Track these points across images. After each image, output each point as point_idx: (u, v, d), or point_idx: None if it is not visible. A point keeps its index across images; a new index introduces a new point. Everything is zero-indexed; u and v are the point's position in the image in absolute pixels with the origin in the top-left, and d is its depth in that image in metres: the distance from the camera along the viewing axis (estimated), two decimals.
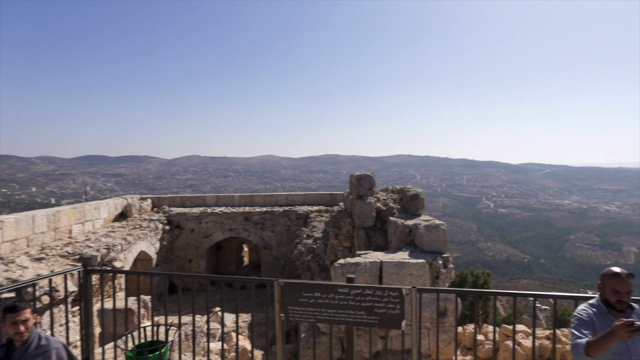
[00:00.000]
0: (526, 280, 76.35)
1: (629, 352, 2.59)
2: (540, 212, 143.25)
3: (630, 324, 2.30)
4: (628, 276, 2.66)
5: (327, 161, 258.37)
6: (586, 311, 2.75)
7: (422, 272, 6.11)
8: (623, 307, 2.66)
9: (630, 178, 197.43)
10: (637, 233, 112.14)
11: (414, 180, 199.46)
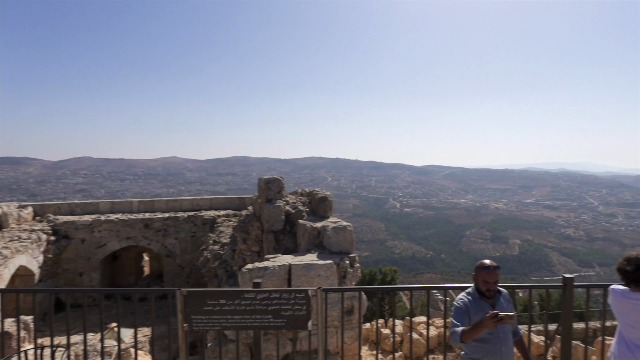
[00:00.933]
0: (429, 275, 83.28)
1: (497, 331, 3.15)
2: (441, 210, 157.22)
3: (495, 315, 2.79)
4: (495, 268, 3.21)
5: (237, 163, 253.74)
6: (463, 300, 3.26)
7: (329, 273, 6.42)
8: (492, 294, 3.21)
9: (514, 178, 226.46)
10: (521, 227, 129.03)
11: (325, 182, 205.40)
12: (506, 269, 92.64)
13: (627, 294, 3.21)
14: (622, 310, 3.23)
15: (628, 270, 3.16)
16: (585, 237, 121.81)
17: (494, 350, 3.12)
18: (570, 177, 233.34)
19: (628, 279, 3.19)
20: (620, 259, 3.32)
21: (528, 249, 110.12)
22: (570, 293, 4.49)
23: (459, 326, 3.01)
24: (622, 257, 3.33)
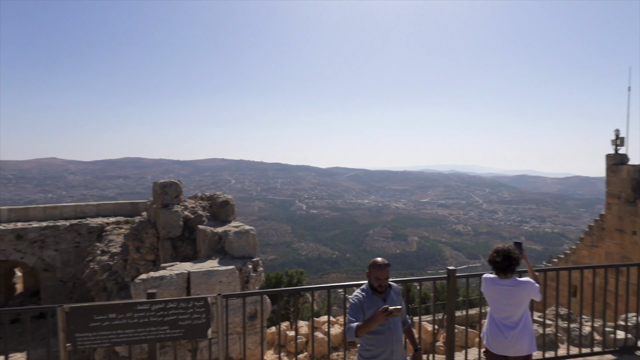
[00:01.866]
0: (335, 274, 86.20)
1: (388, 322, 3.49)
2: (346, 211, 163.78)
3: (385, 310, 3.10)
4: (386, 265, 3.56)
5: (129, 165, 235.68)
6: (357, 296, 3.55)
7: (232, 279, 6.40)
8: (383, 289, 3.55)
9: (412, 179, 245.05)
10: (418, 225, 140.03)
11: (229, 184, 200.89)
12: (405, 265, 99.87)
13: (496, 280, 3.79)
14: (492, 295, 3.80)
15: (498, 261, 3.74)
16: (473, 232, 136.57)
17: (386, 340, 3.46)
18: (460, 178, 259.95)
19: (498, 268, 3.76)
20: (490, 252, 3.90)
21: (425, 244, 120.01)
22: (453, 283, 5.10)
23: (354, 322, 3.29)
24: (491, 249, 3.91)
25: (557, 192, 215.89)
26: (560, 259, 17.60)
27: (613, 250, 13.94)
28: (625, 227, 13.39)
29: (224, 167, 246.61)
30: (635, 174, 13.35)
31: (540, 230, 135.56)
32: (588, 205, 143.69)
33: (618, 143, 14.01)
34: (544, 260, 46.67)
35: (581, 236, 16.29)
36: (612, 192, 14.01)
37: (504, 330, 3.71)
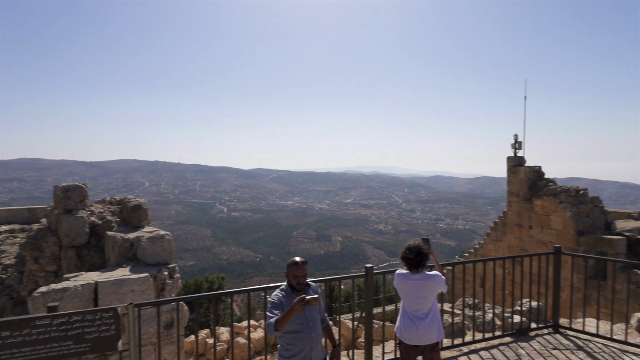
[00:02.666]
0: (259, 278, 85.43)
1: (307, 319, 3.61)
2: (269, 213, 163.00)
3: (302, 299, 3.19)
4: (303, 263, 3.68)
5: (25, 167, 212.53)
6: (277, 295, 3.63)
7: (145, 287, 6.12)
8: (302, 287, 3.66)
9: (335, 180, 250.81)
10: (341, 225, 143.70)
11: (143, 187, 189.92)
12: (330, 265, 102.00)
13: (409, 276, 4.09)
14: (405, 289, 4.09)
15: (411, 257, 4.04)
16: (393, 230, 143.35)
17: (305, 338, 3.57)
18: (381, 178, 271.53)
19: (410, 264, 4.06)
20: (402, 249, 4.19)
21: (348, 244, 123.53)
22: (370, 280, 5.38)
23: (273, 317, 3.35)
24: (403, 247, 4.20)
25: (468, 192, 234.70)
26: (470, 253, 19.19)
27: (514, 244, 15.54)
28: (523, 222, 14.99)
29: (136, 169, 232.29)
30: (531, 174, 15.00)
31: (453, 227, 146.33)
32: (495, 203, 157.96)
33: (517, 146, 15.63)
34: (456, 254, 50.52)
35: (488, 232, 17.91)
36: (512, 191, 15.60)
37: (416, 322, 4.02)
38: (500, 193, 21.93)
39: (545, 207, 13.94)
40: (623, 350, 5.60)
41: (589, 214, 12.96)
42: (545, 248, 13.64)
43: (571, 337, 5.97)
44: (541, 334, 6.07)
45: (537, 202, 14.24)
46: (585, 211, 12.93)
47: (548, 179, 14.80)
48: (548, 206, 13.82)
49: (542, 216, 14.09)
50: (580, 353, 5.48)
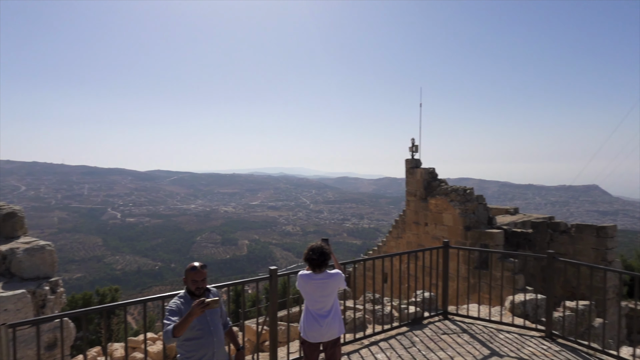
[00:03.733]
0: (158, 287, 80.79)
1: (208, 324, 3.58)
2: (170, 217, 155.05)
3: (202, 302, 3.15)
4: (202, 267, 3.65)
5: None
6: (175, 302, 3.55)
7: (22, 305, 5.52)
8: (201, 292, 3.62)
9: (241, 182, 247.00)
10: (248, 228, 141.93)
11: (18, 192, 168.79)
12: (236, 269, 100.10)
13: (312, 276, 4.26)
14: (309, 289, 4.25)
15: (314, 258, 4.21)
16: (301, 231, 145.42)
17: (206, 343, 3.54)
18: (289, 180, 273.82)
19: (314, 265, 4.23)
20: (305, 250, 4.34)
21: (255, 247, 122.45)
22: (275, 282, 5.47)
23: (171, 324, 3.25)
24: (306, 248, 4.36)
25: (373, 192, 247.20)
26: (374, 251, 20.30)
27: (412, 240, 16.79)
28: (420, 219, 16.28)
29: (10, 171, 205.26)
30: (427, 175, 16.35)
31: (359, 226, 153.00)
32: (397, 202, 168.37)
33: (414, 150, 16.94)
34: (362, 252, 52.87)
35: (390, 230, 19.12)
36: (410, 191, 16.86)
37: (319, 320, 4.21)
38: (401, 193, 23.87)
39: (438, 205, 15.29)
40: (499, 329, 6.43)
41: (474, 210, 14.49)
42: (439, 243, 14.97)
43: (458, 322, 6.68)
44: (433, 321, 6.70)
45: (432, 200, 15.56)
46: (471, 208, 14.44)
47: (441, 180, 16.26)
48: (441, 204, 15.17)
49: (436, 214, 15.43)
50: (465, 335, 6.17)
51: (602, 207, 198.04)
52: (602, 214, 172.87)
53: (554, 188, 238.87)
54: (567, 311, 7.08)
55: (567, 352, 5.68)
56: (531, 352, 5.68)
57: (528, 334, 6.26)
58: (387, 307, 6.87)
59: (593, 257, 13.28)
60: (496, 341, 5.99)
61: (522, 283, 12.09)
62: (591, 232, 13.49)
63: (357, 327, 6.22)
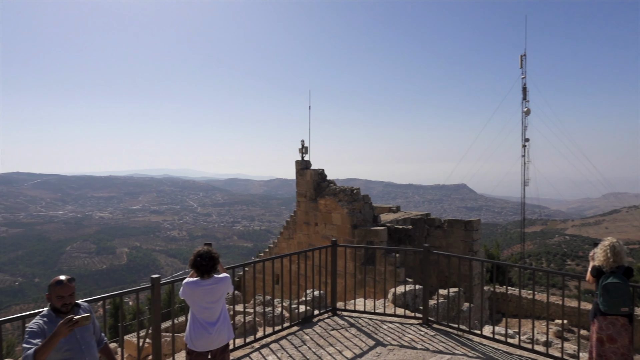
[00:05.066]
0: (19, 306, 70.78)
1: (79, 343, 3.21)
2: (32, 226, 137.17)
3: (69, 320, 2.82)
4: (70, 281, 3.27)
5: None
6: (37, 322, 3.10)
7: None
8: (68, 308, 3.23)
9: (119, 185, 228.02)
10: (128, 235, 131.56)
11: None
12: (115, 280, 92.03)
13: (199, 282, 4.09)
14: (196, 297, 4.07)
15: (204, 264, 4.05)
16: (188, 236, 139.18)
17: None
18: (174, 182, 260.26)
19: (203, 270, 4.07)
20: (191, 257, 4.15)
21: (137, 255, 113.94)
22: (158, 292, 5.15)
23: (32, 347, 2.84)
24: (192, 254, 4.16)
25: (264, 193, 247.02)
26: (265, 253, 20.28)
27: (303, 240, 17.15)
28: (310, 220, 16.71)
29: None
30: (316, 176, 16.85)
31: (250, 228, 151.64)
32: (288, 203, 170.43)
33: (303, 151, 17.34)
34: (253, 255, 52.49)
35: (281, 231, 19.28)
36: (300, 192, 17.21)
37: (208, 328, 4.06)
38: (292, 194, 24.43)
39: (327, 206, 15.85)
40: (383, 320, 6.90)
41: (361, 209, 15.33)
42: (329, 242, 15.56)
43: (346, 317, 7.01)
44: (322, 318, 6.93)
45: (321, 201, 16.07)
46: (358, 207, 15.24)
47: (330, 180, 16.88)
48: (330, 204, 15.75)
49: (325, 213, 15.97)
50: (352, 329, 6.50)
51: (470, 204, 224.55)
52: (469, 210, 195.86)
53: (430, 187, 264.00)
54: (440, 299, 7.86)
55: (441, 336, 6.30)
56: (411, 338, 6.18)
57: (408, 322, 6.81)
58: (277, 309, 6.92)
59: (462, 248, 14.95)
60: (380, 332, 6.41)
61: (403, 276, 13.11)
62: (460, 226, 15.16)
63: (247, 331, 6.16)
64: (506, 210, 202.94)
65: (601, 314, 4.69)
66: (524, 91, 29.48)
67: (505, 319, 8.67)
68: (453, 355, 5.69)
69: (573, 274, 6.16)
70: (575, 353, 6.39)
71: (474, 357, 5.66)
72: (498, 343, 6.09)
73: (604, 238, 4.95)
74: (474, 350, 5.86)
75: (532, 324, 7.26)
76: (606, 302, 4.60)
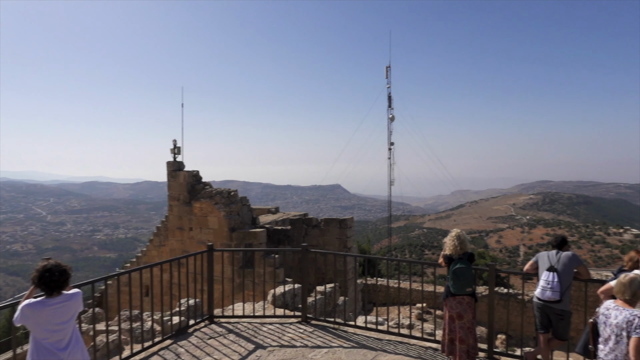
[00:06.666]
0: None
1: None
2: None
3: None
4: None
5: None
6: None
7: None
8: None
9: None
10: None
11: None
12: None
13: (46, 302, 3.55)
14: (42, 319, 3.51)
15: (54, 279, 3.51)
16: (35, 249, 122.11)
17: None
18: (15, 187, 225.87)
19: (53, 287, 3.54)
20: (36, 272, 3.59)
21: None
22: None
23: None
24: (36, 270, 3.61)
25: (129, 198, 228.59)
26: (132, 263, 18.78)
27: (176, 247, 16.30)
28: (184, 225, 15.97)
29: None
30: (190, 178, 16.17)
31: (113, 237, 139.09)
32: (158, 208, 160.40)
33: (176, 152, 16.49)
34: (117, 266, 48.18)
35: (151, 238, 18.06)
36: (173, 195, 16.33)
37: (57, 354, 3.56)
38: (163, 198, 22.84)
39: (203, 209, 15.34)
40: (263, 322, 6.93)
41: (239, 212, 15.16)
42: (205, 247, 15.09)
43: (224, 324, 6.86)
44: (199, 328, 6.68)
45: (196, 204, 15.49)
46: (235, 210, 15.05)
47: (205, 183, 16.35)
48: (205, 208, 15.27)
49: (200, 217, 15.43)
50: (231, 335, 6.40)
51: (344, 203, 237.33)
52: (343, 209, 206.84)
53: (308, 188, 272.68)
54: (318, 295, 8.17)
55: (319, 331, 6.57)
56: (290, 337, 6.32)
57: (288, 322, 6.94)
58: (148, 323, 6.48)
59: (337, 245, 15.75)
60: (260, 334, 6.42)
61: (282, 276, 13.33)
62: (335, 224, 15.97)
63: (111, 352, 5.64)
64: (376, 208, 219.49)
65: (451, 295, 5.40)
66: (389, 99, 32.29)
67: (376, 308, 9.39)
68: (330, 348, 5.97)
69: (430, 262, 6.98)
70: (433, 332, 7.19)
71: (349, 347, 6.02)
72: (370, 331, 6.57)
73: (451, 230, 5.73)
74: (349, 340, 6.23)
75: (398, 310, 7.98)
76: (455, 285, 5.33)
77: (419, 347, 6.05)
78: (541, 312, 5.40)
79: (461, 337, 5.34)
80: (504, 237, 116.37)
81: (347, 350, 5.91)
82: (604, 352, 3.96)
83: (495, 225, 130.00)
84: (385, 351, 5.90)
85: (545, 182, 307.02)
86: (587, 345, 4.42)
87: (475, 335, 5.45)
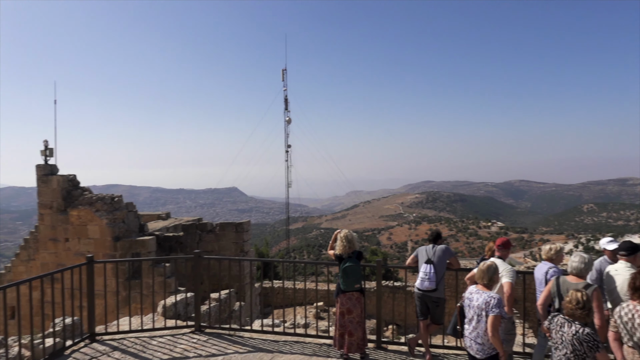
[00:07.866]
0: None
1: None
2: None
3: None
4: None
5: None
6: None
7: None
8: None
9: None
10: None
11: None
12: None
13: None
14: None
15: None
16: None
17: None
18: None
19: None
20: None
21: None
22: None
23: None
24: None
25: None
26: None
27: (49, 260, 14.64)
28: (58, 235, 14.42)
29: None
30: (66, 183, 14.66)
31: None
32: (25, 217, 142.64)
33: (47, 154, 14.84)
34: None
35: (17, 252, 16.03)
36: (44, 203, 14.65)
37: None
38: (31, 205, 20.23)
39: (82, 217, 14.02)
40: (152, 336, 6.55)
41: (124, 219, 14.13)
42: (84, 259, 13.79)
43: (107, 342, 6.35)
44: (77, 349, 6.09)
45: (73, 212, 14.11)
46: (120, 217, 14.01)
47: (84, 188, 14.96)
48: (85, 216, 13.98)
49: (79, 227, 14.08)
50: (116, 353, 5.94)
51: (241, 206, 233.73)
52: (241, 212, 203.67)
53: (202, 191, 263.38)
54: (213, 302, 7.96)
55: (214, 339, 6.40)
56: (183, 348, 6.07)
57: (180, 333, 6.65)
58: (14, 349, 5.75)
59: (234, 250, 15.47)
60: (149, 349, 6.06)
61: (174, 286, 12.72)
62: (231, 228, 15.66)
63: None
64: (274, 210, 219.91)
65: (342, 292, 5.67)
66: (285, 102, 32.76)
67: (273, 311, 9.43)
68: (225, 355, 5.86)
69: (326, 262, 7.21)
70: (327, 328, 7.45)
71: (245, 352, 5.97)
72: (266, 334, 6.58)
73: (340, 230, 6.01)
74: (245, 345, 6.17)
75: (294, 311, 8.15)
76: (345, 282, 5.62)
77: (314, 345, 6.22)
78: (421, 301, 5.91)
79: (350, 331, 5.63)
80: (394, 234, 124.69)
81: (242, 356, 5.85)
82: (469, 331, 4.54)
83: (386, 224, 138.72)
84: (281, 352, 5.96)
85: (428, 182, 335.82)
86: (456, 327, 5.05)
87: (364, 328, 5.78)
